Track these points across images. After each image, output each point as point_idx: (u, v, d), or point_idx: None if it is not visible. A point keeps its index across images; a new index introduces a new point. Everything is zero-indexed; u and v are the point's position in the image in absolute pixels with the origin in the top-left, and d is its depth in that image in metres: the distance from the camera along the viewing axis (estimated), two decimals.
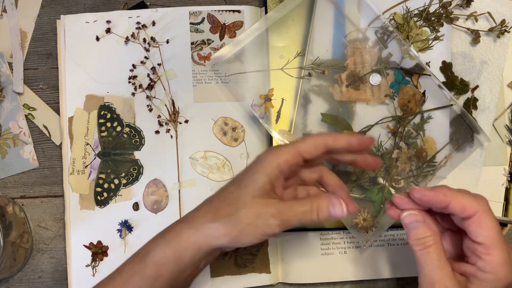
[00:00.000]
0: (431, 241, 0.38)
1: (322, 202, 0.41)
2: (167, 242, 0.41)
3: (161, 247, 0.41)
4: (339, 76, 0.54)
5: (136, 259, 0.42)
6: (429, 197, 0.39)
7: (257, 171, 0.41)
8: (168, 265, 0.41)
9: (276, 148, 0.42)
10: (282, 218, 0.40)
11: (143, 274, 0.41)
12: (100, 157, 0.55)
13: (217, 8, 0.58)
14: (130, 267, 0.42)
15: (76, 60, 0.56)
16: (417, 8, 0.55)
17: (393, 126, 0.54)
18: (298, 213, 0.41)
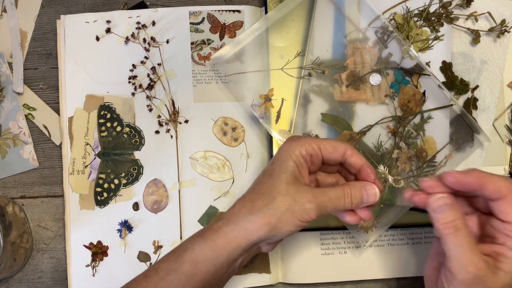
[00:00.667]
0: (460, 224, 0.38)
1: (355, 187, 0.43)
2: (205, 240, 0.41)
3: (199, 245, 0.41)
4: (339, 76, 0.54)
5: (172, 257, 0.42)
6: (464, 180, 0.39)
7: (285, 159, 0.42)
8: (205, 263, 0.41)
9: (297, 136, 0.44)
10: (317, 202, 0.41)
11: (179, 272, 0.41)
12: (100, 157, 0.55)
13: (217, 8, 0.58)
14: (166, 265, 0.42)
15: (76, 60, 0.56)
16: (417, 8, 0.55)
17: (393, 126, 0.54)
18: (333, 198, 0.42)
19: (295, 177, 0.42)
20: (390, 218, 0.52)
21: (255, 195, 0.42)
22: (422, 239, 0.55)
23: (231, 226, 0.41)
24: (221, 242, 0.41)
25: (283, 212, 0.40)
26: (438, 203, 0.39)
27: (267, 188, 0.42)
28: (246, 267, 0.54)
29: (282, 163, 0.42)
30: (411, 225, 0.55)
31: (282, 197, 0.41)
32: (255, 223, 0.41)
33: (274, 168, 0.43)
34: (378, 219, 0.52)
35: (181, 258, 0.41)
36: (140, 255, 0.54)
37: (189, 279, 0.41)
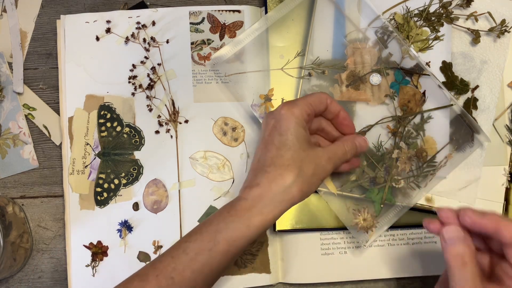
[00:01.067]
0: (469, 259, 0.39)
1: (350, 141, 0.49)
2: (240, 219, 0.42)
3: (235, 225, 0.42)
4: (339, 76, 0.54)
5: (202, 237, 0.42)
6: (480, 222, 0.40)
7: (292, 127, 0.44)
8: (241, 240, 0.42)
9: (291, 102, 0.45)
10: (333, 161, 0.46)
11: (213, 251, 0.41)
12: (100, 157, 0.55)
13: (217, 8, 0.58)
14: (196, 244, 0.42)
15: (76, 60, 0.56)
16: (417, 8, 0.55)
17: (393, 126, 0.54)
18: (340, 155, 0.47)
19: (308, 141, 0.44)
20: (390, 218, 0.52)
21: (280, 168, 0.43)
22: (422, 239, 0.55)
23: (264, 202, 0.42)
24: (257, 219, 0.42)
25: (310, 176, 0.43)
26: (450, 235, 0.40)
27: (289, 160, 0.43)
28: (246, 267, 0.54)
29: (292, 131, 0.44)
30: (411, 225, 0.55)
31: (307, 164, 0.43)
32: (289, 193, 0.42)
33: (286, 139, 0.43)
34: (378, 219, 0.52)
35: (216, 238, 0.42)
36: (140, 255, 0.54)
37: (223, 257, 0.42)
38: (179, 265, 0.41)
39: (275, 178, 0.42)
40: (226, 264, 0.43)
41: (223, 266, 0.42)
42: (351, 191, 0.53)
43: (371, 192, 0.52)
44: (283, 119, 0.44)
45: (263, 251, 0.55)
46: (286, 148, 0.43)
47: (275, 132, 0.44)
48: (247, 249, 0.54)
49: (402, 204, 0.52)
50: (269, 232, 0.55)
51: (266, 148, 0.44)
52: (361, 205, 0.52)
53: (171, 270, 0.41)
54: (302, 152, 0.43)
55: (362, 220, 0.51)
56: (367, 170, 0.53)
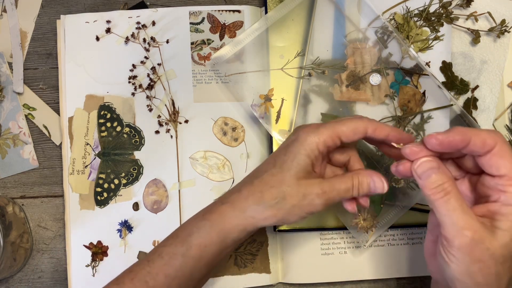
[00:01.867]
0: (450, 186, 0.36)
1: (363, 178, 0.42)
2: (212, 224, 0.42)
3: (206, 229, 0.41)
4: (339, 76, 0.54)
5: (176, 241, 0.42)
6: (448, 140, 0.36)
7: (298, 152, 0.41)
8: (212, 246, 0.41)
9: (315, 127, 0.42)
10: (326, 197, 0.41)
11: (186, 255, 0.41)
12: (100, 157, 0.55)
13: (217, 8, 0.58)
14: (170, 249, 0.42)
15: (76, 60, 0.56)
16: (417, 8, 0.55)
17: (393, 126, 0.54)
18: (341, 191, 0.41)
19: (307, 172, 0.41)
20: (390, 218, 0.52)
21: (263, 186, 0.41)
22: (422, 239, 0.55)
23: (237, 212, 0.41)
24: (228, 226, 0.41)
25: (292, 206, 0.41)
26: (422, 168, 0.37)
27: (276, 181, 0.41)
28: (246, 267, 0.54)
29: (296, 156, 0.41)
30: (411, 225, 0.55)
31: (292, 193, 0.40)
32: (263, 214, 0.41)
33: (285, 160, 0.41)
34: (378, 219, 0.52)
35: (187, 242, 0.41)
36: (140, 255, 0.54)
37: (196, 263, 0.41)
38: (153, 269, 0.41)
39: (255, 193, 0.41)
40: (202, 270, 0.42)
41: (197, 271, 0.42)
42: None
43: None
44: (295, 142, 0.41)
45: (263, 251, 0.55)
46: (280, 169, 0.41)
47: (282, 151, 0.42)
48: (248, 249, 0.54)
49: (402, 204, 0.52)
50: (269, 232, 0.55)
51: (268, 160, 0.43)
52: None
53: (145, 274, 0.41)
54: (294, 179, 0.41)
55: (362, 220, 0.51)
56: None
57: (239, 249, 0.54)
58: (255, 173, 0.43)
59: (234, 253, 0.54)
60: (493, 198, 0.37)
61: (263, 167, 0.43)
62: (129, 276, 0.42)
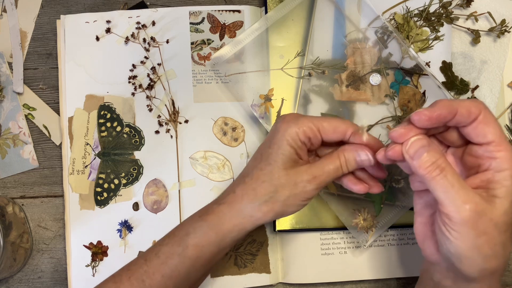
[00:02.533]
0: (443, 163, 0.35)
1: (349, 154, 0.42)
2: (208, 224, 0.42)
3: (203, 230, 0.42)
4: (339, 76, 0.54)
5: (173, 241, 0.42)
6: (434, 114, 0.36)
7: (281, 143, 0.41)
8: (210, 246, 0.41)
9: (295, 117, 0.42)
10: (317, 181, 0.41)
11: (183, 256, 0.41)
12: (100, 157, 0.55)
13: (217, 8, 0.58)
14: (167, 248, 0.42)
15: (76, 60, 0.56)
16: (417, 8, 0.55)
17: (393, 126, 0.54)
18: (331, 172, 0.41)
19: (294, 161, 0.42)
20: (390, 218, 0.52)
21: (255, 182, 0.42)
22: None
23: (235, 212, 0.42)
24: (226, 227, 0.41)
25: (286, 197, 0.41)
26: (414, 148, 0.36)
27: (266, 175, 0.41)
28: (246, 267, 0.54)
29: (279, 147, 0.41)
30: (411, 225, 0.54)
31: (283, 184, 0.41)
32: (260, 211, 0.41)
33: (271, 152, 0.42)
34: (378, 219, 0.52)
35: (184, 242, 0.41)
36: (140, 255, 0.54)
37: (194, 262, 0.41)
38: (150, 268, 0.41)
39: (248, 191, 0.42)
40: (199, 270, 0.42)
41: (194, 271, 0.42)
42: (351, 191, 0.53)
43: None
44: (277, 132, 0.42)
45: (263, 251, 0.55)
46: (267, 162, 0.41)
47: (266, 143, 0.43)
48: (248, 249, 0.54)
49: (402, 204, 0.52)
50: (269, 232, 0.55)
51: (254, 156, 0.44)
52: (361, 205, 0.52)
53: (142, 273, 0.41)
54: (282, 170, 0.41)
55: (362, 220, 0.51)
56: None
57: (239, 249, 0.54)
58: (246, 170, 0.44)
59: (234, 253, 0.54)
60: (484, 167, 0.36)
61: (251, 164, 0.43)
62: (126, 274, 0.42)
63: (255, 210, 0.41)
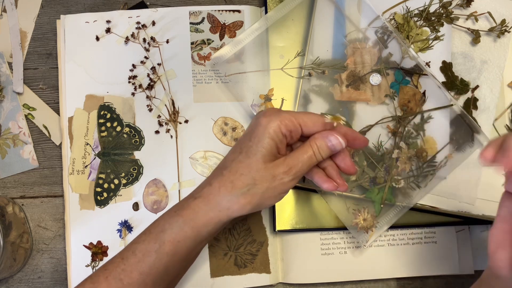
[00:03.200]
0: None
1: (321, 142, 0.43)
2: (184, 220, 0.42)
3: (178, 225, 0.42)
4: (339, 76, 0.54)
5: (149, 237, 0.42)
6: None
7: (262, 136, 0.42)
8: (186, 241, 0.42)
9: (276, 111, 0.43)
10: (293, 172, 0.42)
11: (159, 252, 0.41)
12: (100, 157, 0.55)
13: (217, 8, 0.58)
14: (143, 246, 0.42)
15: (76, 60, 0.56)
16: (417, 8, 0.55)
17: (393, 126, 0.54)
18: (305, 161, 0.42)
19: (273, 154, 0.42)
20: (390, 218, 0.52)
21: (233, 175, 0.42)
22: (422, 239, 0.55)
23: (211, 205, 0.42)
24: (202, 220, 0.42)
25: (264, 190, 0.41)
26: None
27: (245, 168, 0.42)
28: (246, 267, 0.54)
29: (260, 140, 0.42)
30: (411, 225, 0.55)
31: (261, 177, 0.41)
32: (237, 203, 0.41)
33: (251, 145, 0.42)
34: (378, 219, 0.52)
35: (160, 239, 0.41)
36: None
37: (171, 258, 0.41)
38: (128, 267, 0.41)
39: (226, 183, 0.42)
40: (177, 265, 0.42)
41: (172, 267, 0.42)
42: (351, 191, 0.53)
43: (371, 192, 0.52)
44: (258, 126, 0.42)
45: (263, 251, 0.55)
46: (246, 155, 0.42)
47: (247, 136, 0.43)
48: (248, 249, 0.54)
49: (402, 204, 0.52)
50: (269, 232, 0.55)
51: (234, 149, 0.44)
52: (361, 205, 0.52)
53: (120, 272, 0.41)
54: (261, 163, 0.41)
55: (362, 220, 0.51)
56: (367, 170, 0.53)
57: (239, 249, 0.54)
58: (224, 163, 0.44)
59: (234, 253, 0.54)
60: None
61: (230, 156, 0.43)
62: (103, 275, 0.42)
63: (232, 202, 0.41)
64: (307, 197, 0.55)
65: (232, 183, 0.41)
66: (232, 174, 0.42)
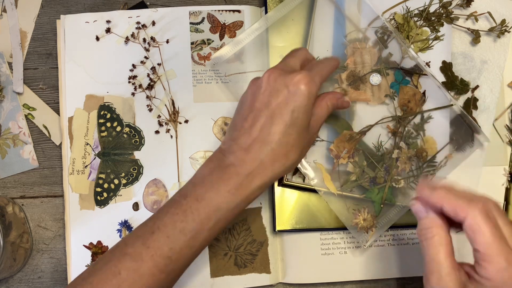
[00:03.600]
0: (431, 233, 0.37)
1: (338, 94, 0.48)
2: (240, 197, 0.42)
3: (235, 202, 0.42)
4: (339, 76, 0.54)
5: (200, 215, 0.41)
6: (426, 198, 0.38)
7: (305, 106, 0.42)
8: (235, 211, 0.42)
9: (308, 77, 0.42)
10: (319, 126, 0.46)
11: (213, 229, 0.41)
12: (100, 157, 0.55)
13: (217, 8, 0.58)
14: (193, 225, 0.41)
15: (76, 60, 0.56)
16: (417, 8, 0.55)
17: (393, 126, 0.54)
18: (328, 109, 0.47)
19: (310, 120, 0.44)
20: (390, 218, 0.52)
21: (284, 147, 0.42)
22: None
23: (263, 176, 0.42)
24: (255, 194, 0.42)
25: (305, 152, 0.46)
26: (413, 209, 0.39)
27: (295, 140, 0.42)
28: (246, 267, 0.54)
29: (306, 111, 0.42)
30: (411, 225, 0.55)
31: (307, 143, 0.44)
32: (286, 171, 0.43)
33: (297, 117, 0.42)
34: (378, 219, 0.52)
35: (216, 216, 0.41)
36: None
37: (218, 231, 0.42)
38: (176, 245, 0.40)
39: (279, 157, 0.42)
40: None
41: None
42: (351, 191, 0.53)
43: (371, 192, 0.52)
44: (299, 95, 0.42)
45: (263, 251, 0.55)
46: (295, 127, 0.42)
47: (286, 106, 0.42)
48: (248, 249, 0.54)
49: (402, 204, 0.52)
50: (269, 232, 0.55)
51: (272, 119, 0.42)
52: (361, 205, 0.52)
53: (167, 250, 0.40)
54: (306, 132, 0.43)
55: (362, 220, 0.51)
56: (367, 170, 0.53)
57: (239, 249, 0.54)
58: (267, 134, 0.42)
59: (234, 253, 0.54)
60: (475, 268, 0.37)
61: (273, 128, 0.42)
62: (147, 253, 0.40)
63: (283, 172, 0.43)
64: (307, 197, 0.55)
65: (286, 155, 0.43)
66: (284, 146, 0.42)
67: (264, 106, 0.42)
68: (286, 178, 0.54)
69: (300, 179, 0.54)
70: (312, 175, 0.53)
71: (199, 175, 0.43)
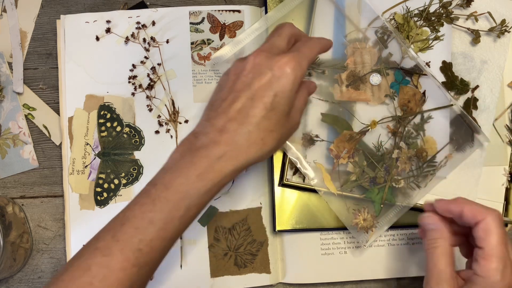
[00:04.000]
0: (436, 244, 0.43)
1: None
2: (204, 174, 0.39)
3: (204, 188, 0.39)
4: (339, 76, 0.54)
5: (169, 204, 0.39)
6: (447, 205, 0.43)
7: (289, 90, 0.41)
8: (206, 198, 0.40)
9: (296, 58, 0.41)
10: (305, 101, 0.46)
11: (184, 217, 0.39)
12: (100, 157, 0.55)
13: (217, 8, 0.58)
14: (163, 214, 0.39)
15: (76, 60, 0.56)
16: (417, 8, 0.55)
17: (393, 126, 0.54)
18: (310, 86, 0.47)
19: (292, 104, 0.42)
20: (390, 218, 0.52)
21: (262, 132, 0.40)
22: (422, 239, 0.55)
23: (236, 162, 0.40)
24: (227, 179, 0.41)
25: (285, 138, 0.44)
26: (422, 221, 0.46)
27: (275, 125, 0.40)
28: (246, 267, 0.54)
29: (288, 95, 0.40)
30: (411, 225, 0.55)
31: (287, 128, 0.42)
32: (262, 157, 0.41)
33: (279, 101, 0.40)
34: (378, 219, 0.52)
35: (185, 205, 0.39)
36: None
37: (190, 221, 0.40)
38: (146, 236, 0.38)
39: (256, 141, 0.40)
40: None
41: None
42: (351, 191, 0.53)
43: (371, 192, 0.52)
44: (283, 79, 0.40)
45: (263, 251, 0.55)
46: (276, 111, 0.40)
47: (269, 89, 0.40)
48: (248, 249, 0.54)
49: (402, 204, 0.52)
50: (269, 232, 0.55)
51: (252, 101, 0.40)
52: (361, 205, 0.52)
53: (137, 242, 0.38)
54: (286, 119, 0.41)
55: (362, 220, 0.51)
56: (367, 170, 0.53)
57: (239, 249, 0.54)
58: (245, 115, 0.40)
59: (234, 253, 0.54)
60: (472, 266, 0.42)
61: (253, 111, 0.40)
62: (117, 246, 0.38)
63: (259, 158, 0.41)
64: (307, 197, 0.55)
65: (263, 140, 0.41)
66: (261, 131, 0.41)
67: (246, 87, 0.40)
68: (286, 178, 0.54)
69: (300, 179, 0.54)
70: (312, 175, 0.53)
71: (171, 160, 0.41)
